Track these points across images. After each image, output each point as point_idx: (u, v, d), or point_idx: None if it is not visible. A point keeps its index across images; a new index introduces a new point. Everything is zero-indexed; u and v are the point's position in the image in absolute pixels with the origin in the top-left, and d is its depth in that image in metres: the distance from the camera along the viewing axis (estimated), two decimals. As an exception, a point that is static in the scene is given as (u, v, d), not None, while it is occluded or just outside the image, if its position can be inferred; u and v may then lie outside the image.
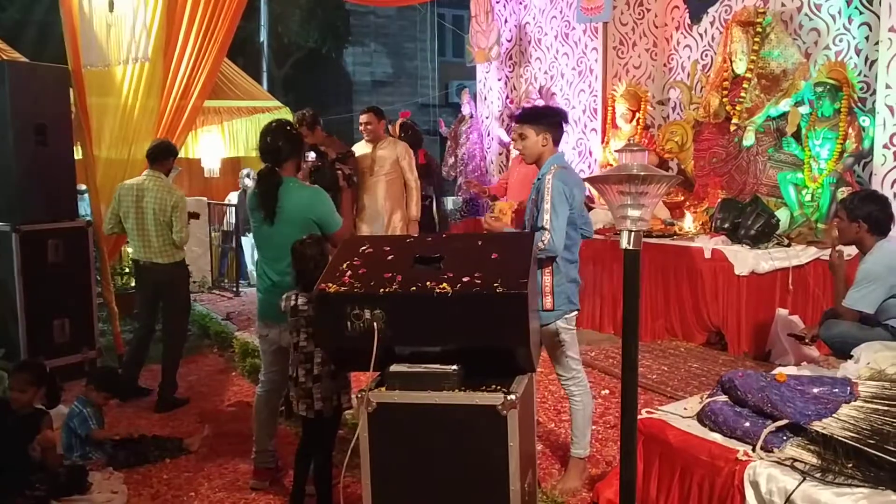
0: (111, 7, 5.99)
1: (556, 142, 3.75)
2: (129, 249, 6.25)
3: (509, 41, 9.88)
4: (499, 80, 9.98)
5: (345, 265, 2.75)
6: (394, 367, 2.63)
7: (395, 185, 6.54)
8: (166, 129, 6.27)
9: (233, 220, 9.93)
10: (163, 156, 5.45)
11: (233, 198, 10.52)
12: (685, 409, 3.25)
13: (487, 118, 10.13)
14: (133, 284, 7.81)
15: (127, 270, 8.12)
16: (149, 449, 4.39)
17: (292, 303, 3.52)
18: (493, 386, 2.56)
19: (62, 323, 5.88)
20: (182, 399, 5.44)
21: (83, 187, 7.21)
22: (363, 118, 6.61)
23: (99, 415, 4.46)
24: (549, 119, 3.79)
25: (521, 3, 9.83)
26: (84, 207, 7.46)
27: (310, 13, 19.05)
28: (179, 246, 5.40)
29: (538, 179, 3.64)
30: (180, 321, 5.65)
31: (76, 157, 6.33)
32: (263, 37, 17.49)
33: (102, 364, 5.98)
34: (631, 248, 2.29)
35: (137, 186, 5.35)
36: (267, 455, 4.03)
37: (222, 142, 12.27)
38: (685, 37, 7.76)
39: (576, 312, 3.72)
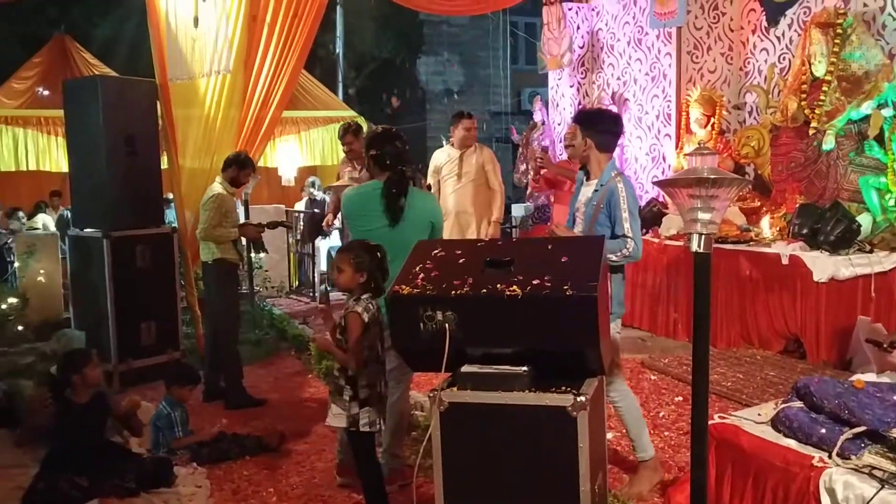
0: (196, 23, 6.25)
1: (604, 148, 3.75)
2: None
3: (581, 48, 9.86)
4: (571, 86, 9.96)
5: (418, 268, 2.82)
6: (465, 368, 2.70)
7: (482, 190, 6.68)
8: (246, 139, 6.50)
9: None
10: (225, 165, 5.67)
11: (300, 206, 10.76)
12: (759, 414, 3.22)
13: (559, 125, 10.12)
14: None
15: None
16: (230, 446, 4.55)
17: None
18: (564, 388, 2.60)
19: (148, 325, 6.15)
20: (256, 400, 5.58)
21: (169, 195, 7.52)
22: (468, 123, 6.65)
23: (185, 416, 4.65)
24: (597, 124, 3.79)
25: (593, 10, 9.80)
26: (169, 215, 7.78)
27: (384, 24, 19.35)
28: (209, 241, 5.51)
29: (600, 186, 3.66)
30: (220, 320, 5.66)
31: (162, 166, 6.62)
32: (339, 48, 17.85)
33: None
34: (701, 251, 2.31)
35: None
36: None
37: (299, 151, 12.59)
38: (762, 40, 7.61)
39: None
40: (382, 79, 20.68)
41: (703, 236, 2.30)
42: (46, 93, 12.71)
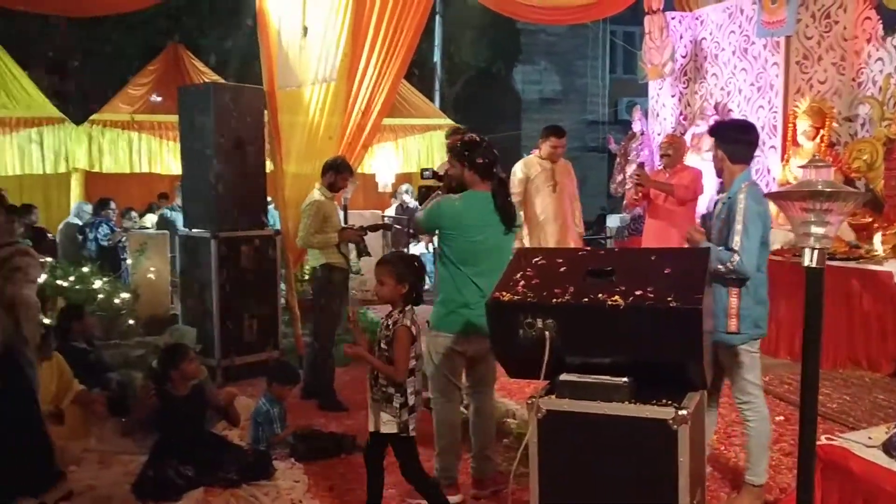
0: (304, 32, 6.44)
1: (736, 159, 3.67)
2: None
3: (684, 57, 9.69)
4: (672, 96, 9.80)
5: (518, 275, 2.84)
6: (564, 376, 2.69)
7: (569, 201, 6.66)
8: (347, 146, 6.66)
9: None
10: (323, 170, 5.84)
11: (390, 213, 10.91)
12: (870, 437, 3.09)
13: (659, 135, 9.96)
14: (310, 292, 8.36)
15: (307, 278, 8.64)
16: (326, 444, 4.67)
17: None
18: (664, 400, 2.56)
19: (251, 323, 6.37)
20: (343, 406, 5.63)
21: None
22: (556, 142, 6.61)
23: (283, 413, 4.80)
24: (727, 135, 3.73)
25: (697, 19, 9.62)
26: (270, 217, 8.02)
27: (482, 33, 19.47)
28: (310, 248, 5.73)
29: (728, 198, 3.60)
30: (320, 322, 5.81)
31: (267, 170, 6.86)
32: (437, 57, 18.06)
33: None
34: (814, 266, 2.25)
35: None
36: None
37: (396, 158, 12.80)
38: (877, 49, 7.31)
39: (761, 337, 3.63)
40: (478, 87, 20.80)
41: (817, 251, 2.24)
42: (159, 99, 13.35)
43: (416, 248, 9.60)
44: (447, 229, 3.94)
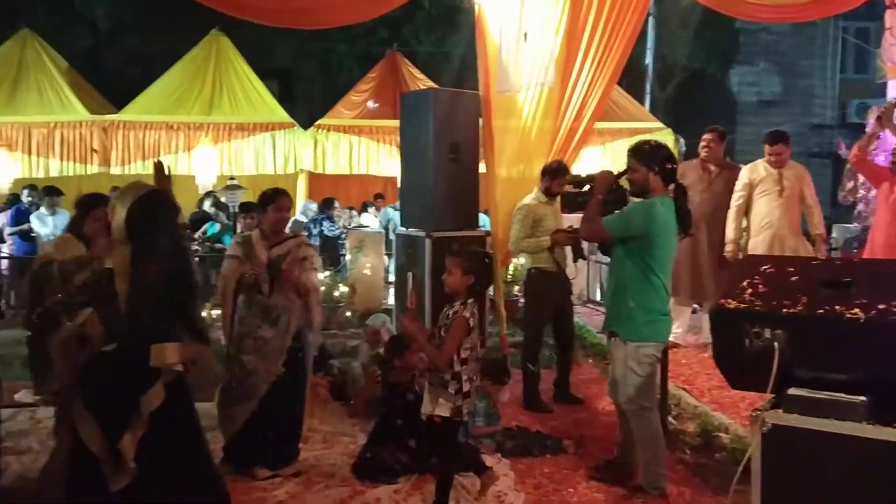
0: (525, 37, 6.56)
1: None
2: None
3: (928, 54, 8.80)
4: (913, 96, 8.94)
5: (745, 282, 2.75)
6: (793, 391, 2.57)
7: (798, 206, 6.34)
8: (559, 150, 6.69)
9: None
10: (541, 174, 5.89)
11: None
12: None
13: (896, 139, 9.13)
14: (516, 291, 8.50)
15: (510, 279, 8.78)
16: (532, 443, 4.75)
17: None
18: (907, 423, 2.38)
19: (459, 321, 6.56)
20: (546, 407, 5.67)
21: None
22: (781, 149, 6.37)
23: (490, 408, 4.93)
24: None
25: (950, 10, 8.72)
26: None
27: (696, 34, 18.79)
28: (521, 252, 5.83)
29: None
30: (527, 324, 5.97)
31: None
32: (648, 59, 17.65)
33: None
34: None
35: None
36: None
37: (603, 161, 12.65)
38: None
39: None
40: (691, 90, 20.10)
41: None
42: (376, 105, 14.08)
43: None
44: (655, 235, 3.87)
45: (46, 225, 9.19)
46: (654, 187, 3.91)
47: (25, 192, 10.25)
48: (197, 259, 8.35)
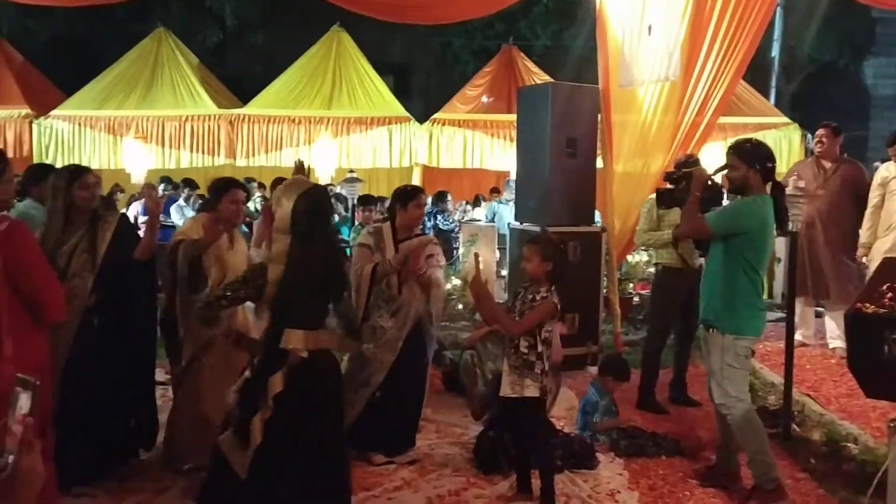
0: (649, 31, 6.44)
1: None
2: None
3: None
4: None
5: (885, 286, 2.62)
6: (937, 402, 2.44)
7: None
8: (679, 145, 6.53)
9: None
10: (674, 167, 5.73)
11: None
12: None
13: None
14: (630, 289, 8.37)
15: (626, 277, 8.65)
16: (647, 443, 4.67)
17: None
18: None
19: (573, 317, 6.52)
20: (660, 407, 5.57)
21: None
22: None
23: (610, 405, 4.89)
24: None
25: None
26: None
27: (827, 25, 17.89)
28: (644, 245, 5.75)
29: None
30: (650, 322, 5.94)
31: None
32: (775, 51, 16.92)
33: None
34: None
35: None
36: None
37: (724, 157, 12.25)
38: None
39: None
40: (820, 83, 19.16)
41: None
42: (490, 99, 14.11)
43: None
44: (757, 232, 3.92)
45: (184, 215, 9.70)
46: (753, 185, 3.93)
47: (162, 185, 10.85)
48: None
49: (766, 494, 3.87)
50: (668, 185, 4.38)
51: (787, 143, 11.92)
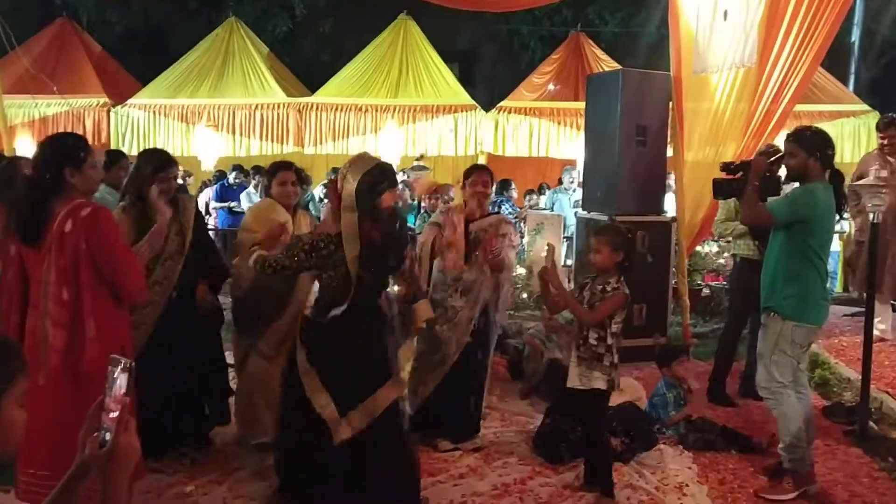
0: (725, 16, 6.28)
1: None
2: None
3: None
4: None
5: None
6: None
7: None
8: (753, 134, 6.36)
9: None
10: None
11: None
12: None
13: None
14: (700, 281, 8.22)
15: (695, 268, 8.49)
16: (717, 438, 4.58)
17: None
18: None
19: (640, 308, 6.43)
20: (730, 400, 5.46)
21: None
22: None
23: (679, 396, 4.82)
24: None
25: None
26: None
27: (912, 7, 17.14)
28: (721, 236, 5.74)
29: None
30: (729, 313, 5.86)
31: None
32: (854, 36, 16.28)
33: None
34: None
35: None
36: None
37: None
38: None
39: None
40: (902, 69, 18.39)
41: None
42: (557, 87, 13.97)
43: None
44: (819, 220, 3.90)
45: (252, 202, 9.91)
46: (813, 173, 3.90)
47: (234, 173, 11.11)
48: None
49: (801, 478, 3.92)
50: (726, 176, 4.27)
51: (865, 131, 11.53)
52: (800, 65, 6.24)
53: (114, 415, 1.42)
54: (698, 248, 8.38)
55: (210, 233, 10.41)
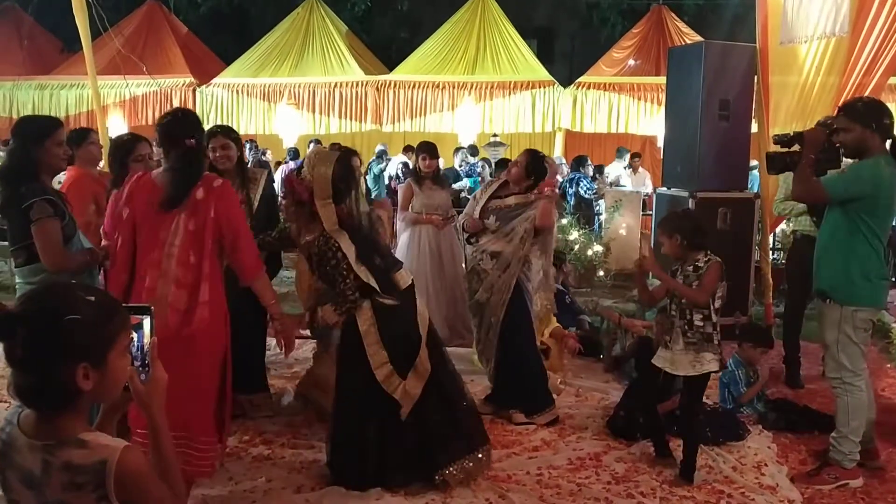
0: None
1: None
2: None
3: None
4: None
5: None
6: None
7: None
8: (844, 107, 6.12)
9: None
10: None
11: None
12: None
13: None
14: (784, 259, 7.98)
15: (780, 246, 8.25)
16: (798, 418, 4.48)
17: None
18: None
19: (721, 286, 6.29)
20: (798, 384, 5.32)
21: (754, 162, 7.52)
22: None
23: (749, 375, 4.71)
24: None
25: None
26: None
27: None
28: (780, 214, 5.54)
29: None
30: (788, 292, 5.67)
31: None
32: (956, 4, 15.44)
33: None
34: None
35: None
36: None
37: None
38: None
39: None
40: None
41: None
42: (637, 62, 13.70)
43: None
44: (880, 197, 3.62)
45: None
46: (872, 146, 3.61)
47: (311, 146, 11.29)
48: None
49: (843, 472, 3.78)
50: (780, 149, 4.00)
51: (964, 105, 10.93)
52: (894, 35, 5.97)
53: (147, 356, 1.63)
54: (783, 225, 8.14)
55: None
